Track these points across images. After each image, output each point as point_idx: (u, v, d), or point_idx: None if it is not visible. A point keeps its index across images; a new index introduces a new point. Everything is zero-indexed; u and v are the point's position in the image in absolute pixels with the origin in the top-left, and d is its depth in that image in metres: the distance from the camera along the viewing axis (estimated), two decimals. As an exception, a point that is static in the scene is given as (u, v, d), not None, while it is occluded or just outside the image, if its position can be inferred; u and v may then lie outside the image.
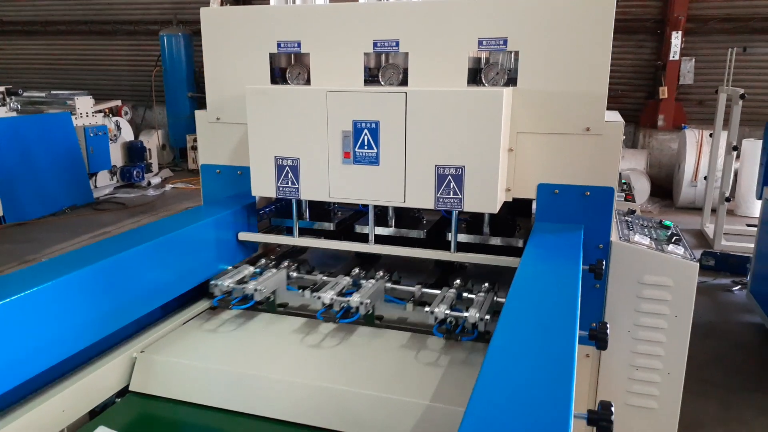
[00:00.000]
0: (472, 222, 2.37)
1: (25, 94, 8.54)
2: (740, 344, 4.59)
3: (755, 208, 8.03)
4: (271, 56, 2.30)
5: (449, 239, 2.15)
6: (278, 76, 2.35)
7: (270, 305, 2.19)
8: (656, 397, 2.15)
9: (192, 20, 11.95)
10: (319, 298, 1.99)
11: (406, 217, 2.45)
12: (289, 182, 2.15)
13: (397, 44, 2.13)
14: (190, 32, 11.66)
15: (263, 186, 2.19)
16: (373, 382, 1.70)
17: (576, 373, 1.18)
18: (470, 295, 1.99)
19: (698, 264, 2.06)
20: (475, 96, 1.90)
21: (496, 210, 1.98)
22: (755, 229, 5.31)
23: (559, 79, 2.02)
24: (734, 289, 5.70)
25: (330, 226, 2.42)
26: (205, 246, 2.18)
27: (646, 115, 10.38)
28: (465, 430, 0.96)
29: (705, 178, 8.07)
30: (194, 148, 10.87)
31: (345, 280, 2.13)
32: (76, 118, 8.52)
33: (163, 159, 11.37)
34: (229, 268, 2.25)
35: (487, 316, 1.85)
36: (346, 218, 2.50)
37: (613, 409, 1.13)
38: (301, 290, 2.18)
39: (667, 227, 2.40)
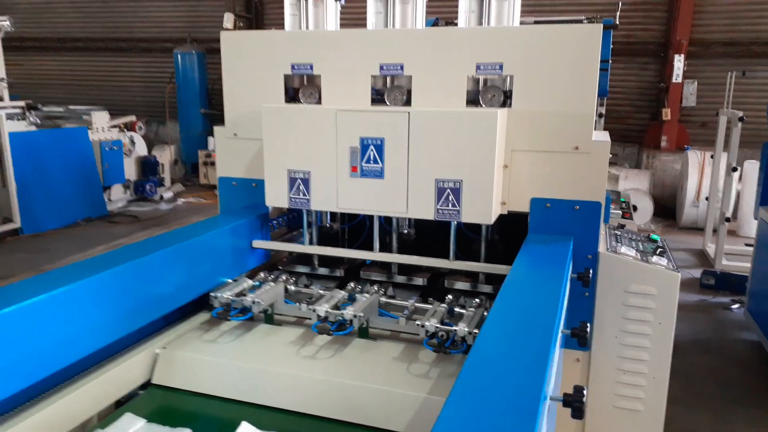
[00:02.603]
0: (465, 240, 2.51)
1: (43, 109, 8.81)
2: (737, 360, 4.69)
3: (755, 229, 8.15)
4: (286, 77, 2.48)
5: (448, 249, 2.31)
6: (291, 95, 2.53)
7: (267, 317, 2.27)
8: (642, 400, 2.28)
9: (205, 38, 12.28)
10: (314, 310, 2.04)
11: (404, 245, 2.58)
12: (301, 194, 2.32)
13: (402, 68, 2.31)
14: (203, 50, 11.98)
15: (277, 197, 2.36)
16: (374, 377, 1.85)
17: (567, 376, 1.33)
18: (461, 310, 2.05)
19: (680, 274, 2.21)
20: (472, 116, 2.08)
21: (491, 221, 2.14)
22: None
23: (550, 101, 2.19)
24: (733, 307, 5.81)
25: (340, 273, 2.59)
26: (221, 252, 2.34)
27: (650, 136, 10.55)
28: (452, 401, 1.11)
29: (707, 198, 8.20)
30: (206, 164, 11.12)
31: (340, 294, 2.19)
32: (92, 133, 8.77)
33: (175, 174, 11.61)
34: (229, 281, 2.32)
35: (476, 330, 1.87)
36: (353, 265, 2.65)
37: (585, 392, 1.28)
38: (297, 303, 2.21)
39: (654, 241, 2.55)
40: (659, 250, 2.40)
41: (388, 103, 2.38)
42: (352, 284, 2.31)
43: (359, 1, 2.68)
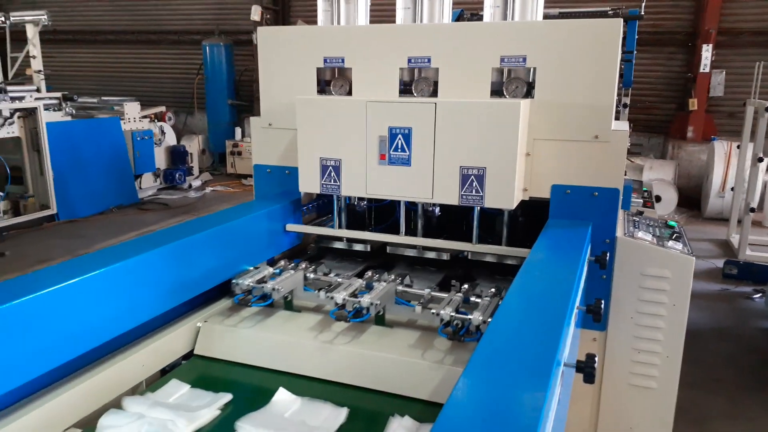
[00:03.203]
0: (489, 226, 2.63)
1: (78, 100, 9.10)
2: (755, 348, 4.74)
3: (782, 220, 8.10)
4: (318, 70, 2.62)
5: (472, 233, 2.44)
6: (323, 87, 2.66)
7: (287, 304, 2.35)
8: (656, 378, 2.39)
9: (233, 30, 12.48)
10: (332, 298, 2.10)
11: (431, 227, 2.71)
12: (332, 180, 2.46)
13: (429, 60, 2.43)
14: (231, 42, 12.17)
15: (309, 183, 2.50)
16: (398, 351, 1.99)
17: (583, 354, 1.44)
18: (477, 299, 2.09)
19: (694, 258, 2.30)
20: (496, 107, 2.19)
21: (513, 206, 2.26)
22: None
23: (571, 93, 2.29)
24: (755, 296, 5.83)
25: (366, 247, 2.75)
26: (257, 234, 2.50)
27: (676, 127, 10.48)
28: (471, 366, 1.24)
29: (732, 189, 8.16)
30: (233, 153, 11.34)
31: (358, 282, 2.23)
32: (124, 123, 9.03)
33: (203, 163, 11.86)
34: (250, 268, 2.40)
35: (490, 319, 1.84)
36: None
37: (596, 359, 1.40)
38: (316, 291, 2.27)
39: (671, 227, 2.64)
40: (675, 235, 2.49)
41: (415, 94, 2.50)
42: (369, 273, 2.36)
43: (388, -4, 2.80)
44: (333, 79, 2.66)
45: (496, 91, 2.40)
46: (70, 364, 1.76)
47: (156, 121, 9.85)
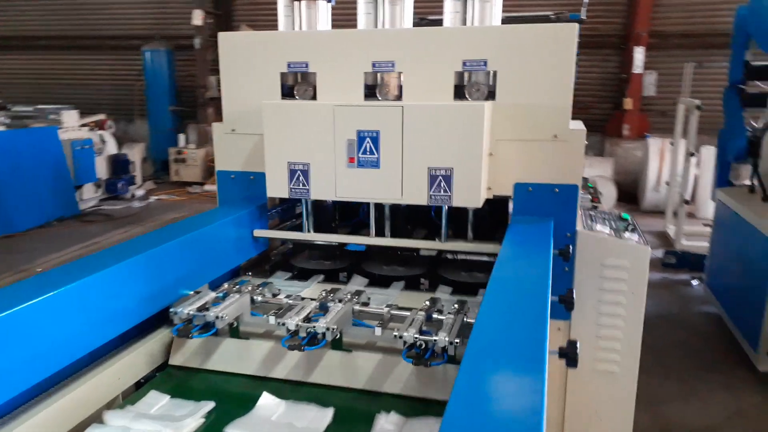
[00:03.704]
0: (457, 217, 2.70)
1: (12, 108, 8.71)
2: (698, 332, 5.03)
3: (711, 211, 8.57)
4: (282, 75, 2.63)
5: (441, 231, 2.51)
6: (287, 92, 2.67)
7: (233, 331, 2.15)
8: (618, 362, 2.52)
9: (174, 35, 12.23)
10: (283, 324, 1.92)
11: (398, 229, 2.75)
12: (301, 184, 2.48)
13: (393, 65, 2.48)
14: (172, 47, 11.92)
15: (278, 188, 2.51)
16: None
17: (549, 343, 1.51)
18: (440, 317, 1.96)
19: (650, 248, 2.44)
20: (461, 109, 2.27)
21: (480, 204, 2.34)
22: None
23: (530, 94, 2.39)
24: (693, 283, 6.17)
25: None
26: (227, 241, 2.49)
27: (612, 125, 10.95)
28: (467, 359, 1.29)
29: (667, 183, 8.59)
30: (177, 161, 11.10)
31: (311, 305, 2.06)
32: (62, 132, 8.71)
33: (145, 172, 11.56)
34: (190, 293, 2.20)
35: (457, 340, 1.78)
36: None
37: (578, 345, 1.48)
38: (265, 315, 2.07)
39: (625, 219, 2.78)
40: (630, 227, 2.63)
41: (379, 97, 2.55)
42: (324, 292, 2.20)
43: (348, 1, 2.84)
44: (296, 83, 2.67)
45: (459, 94, 2.48)
46: (43, 382, 1.71)
47: (96, 129, 9.54)
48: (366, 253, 2.87)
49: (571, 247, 2.37)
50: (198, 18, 11.14)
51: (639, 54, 10.46)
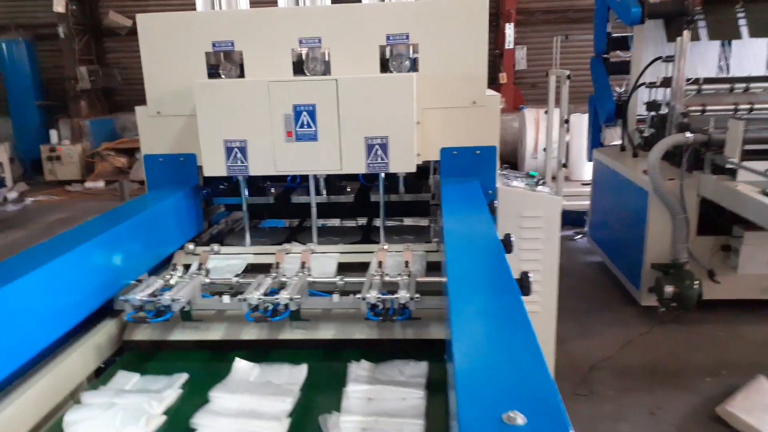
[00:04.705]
0: (389, 186, 2.88)
1: None
2: (587, 279, 5.61)
3: (585, 172, 9.42)
4: (207, 55, 2.64)
5: (374, 199, 2.67)
6: (212, 72, 2.69)
7: (185, 315, 2.10)
8: (539, 303, 2.83)
9: (33, 24, 11.28)
10: (245, 300, 1.95)
11: (333, 188, 2.90)
12: (238, 161, 2.53)
13: (320, 41, 2.59)
14: (31, 37, 10.99)
15: (214, 166, 2.54)
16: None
17: None
18: (392, 279, 2.07)
19: (561, 198, 2.76)
20: (393, 80, 2.43)
21: (414, 169, 2.52)
22: (589, 188, 6.41)
23: (450, 65, 2.59)
24: (576, 238, 6.81)
25: (270, 199, 2.83)
26: (171, 221, 2.50)
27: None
28: (453, 292, 1.47)
29: (544, 149, 9.30)
30: (51, 159, 10.34)
31: (267, 280, 2.08)
32: None
33: (13, 173, 10.64)
34: (133, 282, 2.17)
35: (417, 295, 1.91)
36: (281, 192, 2.91)
37: (530, 275, 1.71)
38: (218, 296, 2.10)
39: (533, 176, 3.10)
40: (541, 181, 2.95)
41: (307, 73, 2.64)
42: (274, 272, 2.19)
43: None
44: (221, 63, 2.69)
45: (384, 67, 2.63)
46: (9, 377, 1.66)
47: (-47, 129, 8.66)
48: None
49: (495, 202, 2.62)
50: (60, 4, 10.36)
51: (509, 30, 11.16)
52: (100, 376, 2.00)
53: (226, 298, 2.07)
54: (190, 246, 2.48)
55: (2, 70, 10.95)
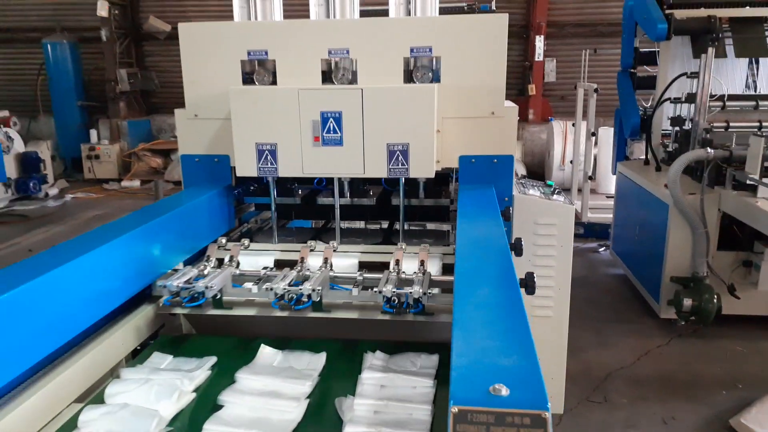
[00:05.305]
0: (410, 191, 3.01)
1: None
2: (608, 290, 5.65)
3: (612, 186, 9.42)
4: (242, 62, 2.82)
5: (395, 203, 2.81)
6: (246, 78, 2.87)
7: (216, 302, 2.28)
8: (552, 307, 2.93)
9: (77, 27, 11.74)
10: (271, 289, 2.13)
11: (357, 191, 3.05)
12: (269, 163, 2.69)
13: (348, 51, 2.75)
14: (75, 39, 11.44)
15: (246, 167, 2.71)
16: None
17: None
18: (408, 276, 2.24)
19: (575, 207, 2.86)
20: (415, 90, 2.57)
21: (433, 175, 2.66)
22: (612, 201, 6.45)
23: (470, 77, 2.73)
24: (600, 250, 6.85)
25: (297, 200, 3.00)
26: (204, 217, 2.68)
27: (518, 110, 11.66)
28: (458, 284, 1.60)
29: (571, 162, 9.35)
30: (90, 158, 10.73)
31: (292, 273, 2.26)
32: (-35, 131, 8.25)
33: (54, 170, 11.07)
34: (169, 271, 2.34)
35: (430, 290, 2.07)
36: (308, 194, 3.07)
37: (534, 275, 1.83)
38: (249, 285, 2.25)
39: (550, 186, 3.21)
40: (556, 191, 3.05)
41: (335, 82, 2.80)
42: (299, 267, 2.38)
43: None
44: (255, 70, 2.87)
45: (408, 78, 2.78)
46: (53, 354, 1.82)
47: (1, 127, 9.07)
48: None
49: (510, 208, 2.74)
50: (103, 9, 10.77)
51: (539, 42, 11.22)
52: (136, 357, 2.19)
53: (254, 288, 2.22)
54: (223, 240, 2.65)
55: (47, 71, 11.41)
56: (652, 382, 4.08)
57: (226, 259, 2.49)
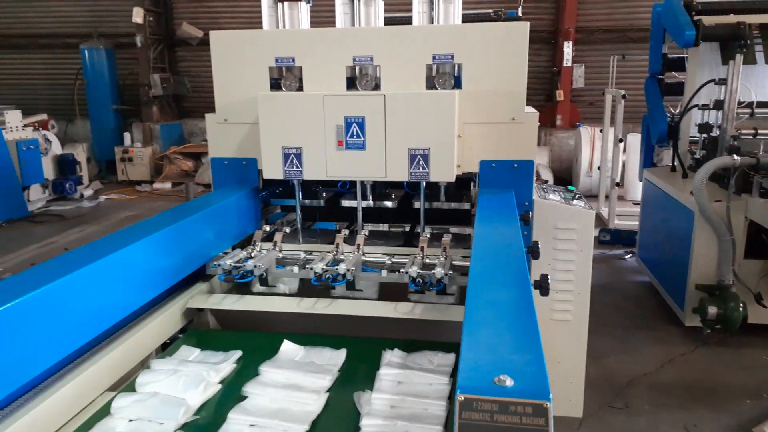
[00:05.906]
0: (431, 195, 3.08)
1: (-49, 109, 8.49)
2: (633, 297, 5.62)
3: (640, 193, 9.34)
4: (270, 69, 2.92)
5: (416, 206, 2.88)
6: (274, 84, 2.97)
7: (262, 281, 2.60)
8: (571, 312, 2.96)
9: (112, 33, 12.08)
10: (311, 269, 2.40)
11: (379, 194, 3.13)
12: (294, 166, 2.79)
13: (372, 59, 2.82)
14: (111, 45, 11.78)
15: (273, 170, 2.81)
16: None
17: None
18: (431, 261, 2.44)
19: (594, 212, 2.89)
20: (436, 97, 2.64)
21: (453, 179, 2.72)
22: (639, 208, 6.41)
23: (491, 83, 2.78)
24: (626, 257, 6.80)
25: (321, 202, 3.08)
26: (233, 217, 2.79)
27: (546, 116, 11.63)
28: (472, 284, 1.66)
29: (598, 168, 9.29)
30: (123, 160, 11.02)
31: (329, 256, 2.53)
32: (6, 132, 8.56)
33: (89, 172, 11.41)
34: (221, 254, 2.65)
35: (451, 272, 2.31)
36: (331, 196, 3.16)
37: (549, 277, 1.87)
38: (291, 267, 2.56)
39: (572, 191, 3.24)
40: (577, 196, 3.08)
41: (359, 88, 2.88)
42: (334, 251, 2.62)
43: (323, 2, 3.15)
44: (283, 76, 2.97)
45: (430, 84, 2.84)
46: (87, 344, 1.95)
47: (39, 129, 9.39)
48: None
49: (530, 213, 2.78)
50: (138, 15, 11.08)
51: (568, 48, 11.18)
52: (166, 349, 2.29)
53: (295, 269, 2.54)
54: (267, 227, 2.88)
55: (84, 76, 11.77)
56: (675, 389, 4.06)
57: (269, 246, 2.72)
